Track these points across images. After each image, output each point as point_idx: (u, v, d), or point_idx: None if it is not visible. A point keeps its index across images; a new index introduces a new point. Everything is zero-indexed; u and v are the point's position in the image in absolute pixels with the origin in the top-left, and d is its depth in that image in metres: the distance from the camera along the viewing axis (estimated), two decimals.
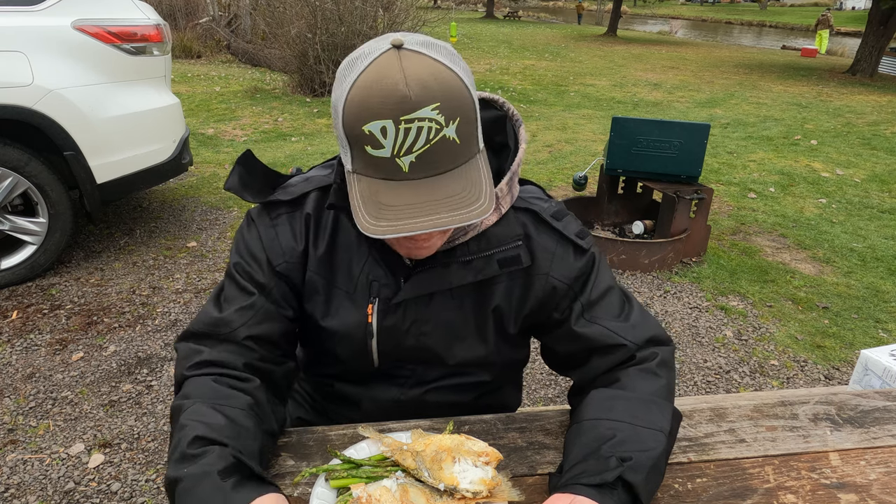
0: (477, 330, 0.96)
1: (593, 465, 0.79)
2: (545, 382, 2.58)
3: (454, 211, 0.73)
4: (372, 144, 0.72)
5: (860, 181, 5.74)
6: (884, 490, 0.84)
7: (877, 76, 14.06)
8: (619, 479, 0.77)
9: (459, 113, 0.72)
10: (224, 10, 13.91)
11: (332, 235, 0.94)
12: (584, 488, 0.76)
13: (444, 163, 0.74)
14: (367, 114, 0.70)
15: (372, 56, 0.72)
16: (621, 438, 0.81)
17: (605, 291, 0.95)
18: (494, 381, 1.07)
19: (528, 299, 0.95)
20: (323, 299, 0.95)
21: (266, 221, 0.94)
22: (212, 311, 0.92)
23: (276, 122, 7.06)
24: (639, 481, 0.77)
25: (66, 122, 2.95)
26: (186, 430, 0.78)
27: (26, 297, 3.00)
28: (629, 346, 0.91)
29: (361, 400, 1.04)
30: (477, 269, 0.92)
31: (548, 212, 0.96)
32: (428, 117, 0.70)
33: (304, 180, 0.96)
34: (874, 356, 1.39)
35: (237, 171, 0.93)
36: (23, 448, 2.07)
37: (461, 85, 0.73)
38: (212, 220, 4.09)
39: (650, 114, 8.57)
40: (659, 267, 3.65)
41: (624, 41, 22.97)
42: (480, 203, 0.74)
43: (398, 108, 0.69)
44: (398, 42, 0.72)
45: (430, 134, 0.71)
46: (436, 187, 0.74)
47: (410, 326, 0.95)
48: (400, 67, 0.70)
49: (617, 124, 3.69)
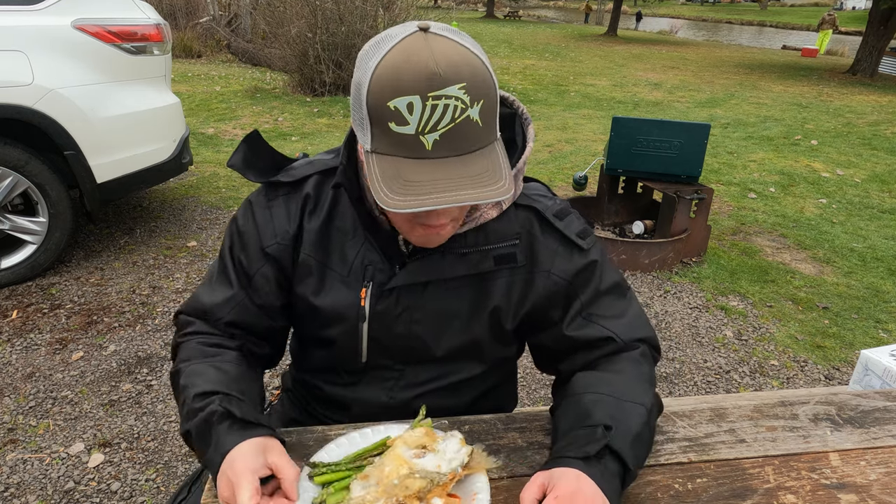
0: (469, 322, 0.96)
1: (580, 436, 0.81)
2: (545, 382, 2.58)
3: (479, 188, 0.74)
4: (397, 121, 0.72)
5: (860, 181, 5.74)
6: (884, 490, 0.84)
7: (877, 76, 14.06)
8: (605, 448, 0.78)
9: (483, 95, 0.74)
10: (224, 10, 13.91)
11: (327, 218, 0.95)
12: (571, 460, 0.78)
13: (467, 143, 0.75)
14: (394, 89, 0.71)
15: (398, 38, 0.73)
16: (605, 410, 0.83)
17: (605, 291, 0.96)
18: (487, 381, 1.06)
19: (528, 297, 0.96)
20: (316, 279, 0.96)
21: (262, 202, 0.96)
22: (202, 296, 0.98)
23: (277, 121, 7.06)
24: (624, 448, 0.79)
25: (66, 122, 2.95)
26: (188, 390, 0.85)
27: (26, 296, 3.00)
28: (618, 342, 0.93)
29: (351, 404, 1.04)
30: (472, 263, 0.93)
31: (551, 210, 0.96)
32: (455, 95, 0.71)
33: (308, 164, 0.98)
34: (874, 356, 1.39)
35: (242, 149, 0.95)
36: (23, 447, 2.07)
37: (486, 69, 0.75)
38: (212, 220, 4.09)
39: (650, 114, 8.57)
40: (659, 267, 3.65)
41: (624, 41, 22.97)
42: (502, 183, 0.75)
43: (427, 83, 0.70)
44: (425, 26, 0.74)
45: (456, 113, 0.72)
46: (460, 165, 0.74)
47: (402, 313, 0.95)
48: (428, 47, 0.72)
49: (617, 124, 3.69)
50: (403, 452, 0.80)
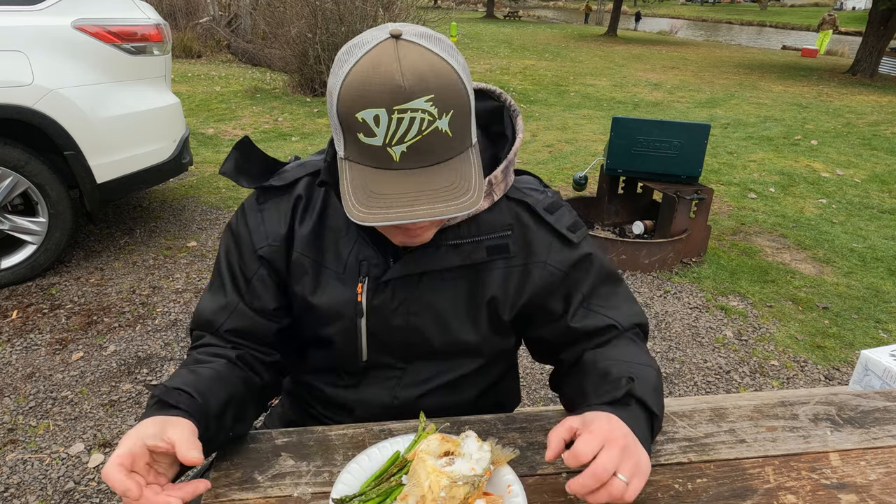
0: (467, 313, 0.97)
1: (604, 389, 0.85)
2: (545, 382, 2.58)
3: (443, 202, 0.74)
4: (364, 132, 0.72)
5: (860, 181, 5.74)
6: (884, 490, 0.84)
7: (877, 76, 14.06)
8: (629, 395, 0.82)
9: (453, 106, 0.73)
10: (224, 10, 13.91)
11: (320, 217, 0.95)
12: (600, 406, 0.81)
13: (436, 154, 0.75)
14: (360, 102, 0.71)
15: (370, 45, 0.72)
16: (622, 369, 0.88)
17: (602, 281, 0.99)
18: (488, 376, 1.06)
19: (526, 288, 0.97)
20: (312, 278, 0.96)
21: (254, 206, 0.97)
22: (201, 307, 0.99)
23: (276, 121, 7.06)
24: (647, 395, 0.83)
25: (66, 122, 2.95)
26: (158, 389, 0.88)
27: (26, 296, 3.00)
28: (619, 328, 0.97)
29: (354, 406, 1.03)
30: (465, 254, 0.94)
31: (542, 204, 0.97)
32: (421, 108, 0.71)
33: (299, 166, 0.99)
34: (874, 356, 1.39)
35: (233, 156, 0.95)
36: (23, 448, 2.07)
37: (456, 78, 0.73)
38: (212, 220, 4.09)
39: (650, 114, 8.57)
40: (659, 267, 3.65)
41: (624, 41, 22.98)
42: (470, 196, 0.75)
43: (392, 97, 0.70)
44: (397, 32, 0.72)
45: (423, 125, 0.72)
46: (426, 178, 0.74)
47: (399, 306, 0.95)
48: (396, 57, 0.70)
49: (617, 124, 3.69)
50: (435, 464, 0.77)
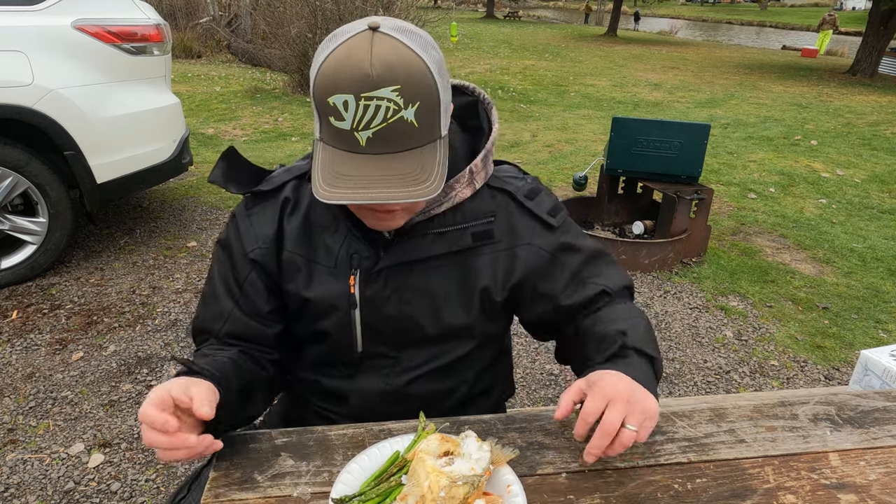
0: (458, 299, 0.99)
1: (602, 347, 0.92)
2: (545, 382, 2.58)
3: (401, 188, 0.78)
4: (335, 116, 0.77)
5: (860, 181, 5.74)
6: (884, 490, 0.84)
7: (877, 76, 14.06)
8: (624, 347, 0.89)
9: (420, 98, 0.77)
10: (224, 10, 13.91)
11: (307, 215, 0.98)
12: (600, 365, 0.87)
13: (400, 142, 0.78)
14: (332, 87, 0.75)
15: (348, 34, 0.77)
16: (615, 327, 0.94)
17: (588, 257, 1.03)
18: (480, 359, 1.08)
19: (515, 269, 1.00)
20: (304, 275, 0.99)
21: (243, 212, 1.01)
22: (199, 313, 1.03)
23: (276, 121, 7.06)
24: (640, 343, 0.90)
25: (66, 122, 2.95)
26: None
27: (26, 296, 3.00)
28: (611, 293, 1.02)
29: (349, 395, 1.05)
30: (452, 241, 0.97)
31: (521, 191, 1.01)
32: (387, 97, 0.75)
33: (285, 171, 1.02)
34: (874, 356, 1.39)
35: (220, 165, 0.99)
36: (23, 448, 2.07)
37: (425, 71, 0.77)
38: (212, 220, 4.09)
39: (650, 114, 8.57)
40: (659, 267, 3.65)
41: (624, 41, 22.98)
42: (429, 184, 0.79)
43: (360, 84, 0.74)
44: (375, 24, 0.76)
45: (388, 113, 0.76)
46: (389, 164, 0.78)
47: (391, 294, 0.98)
48: (369, 48, 0.74)
49: (617, 124, 3.69)
50: (434, 464, 0.77)
